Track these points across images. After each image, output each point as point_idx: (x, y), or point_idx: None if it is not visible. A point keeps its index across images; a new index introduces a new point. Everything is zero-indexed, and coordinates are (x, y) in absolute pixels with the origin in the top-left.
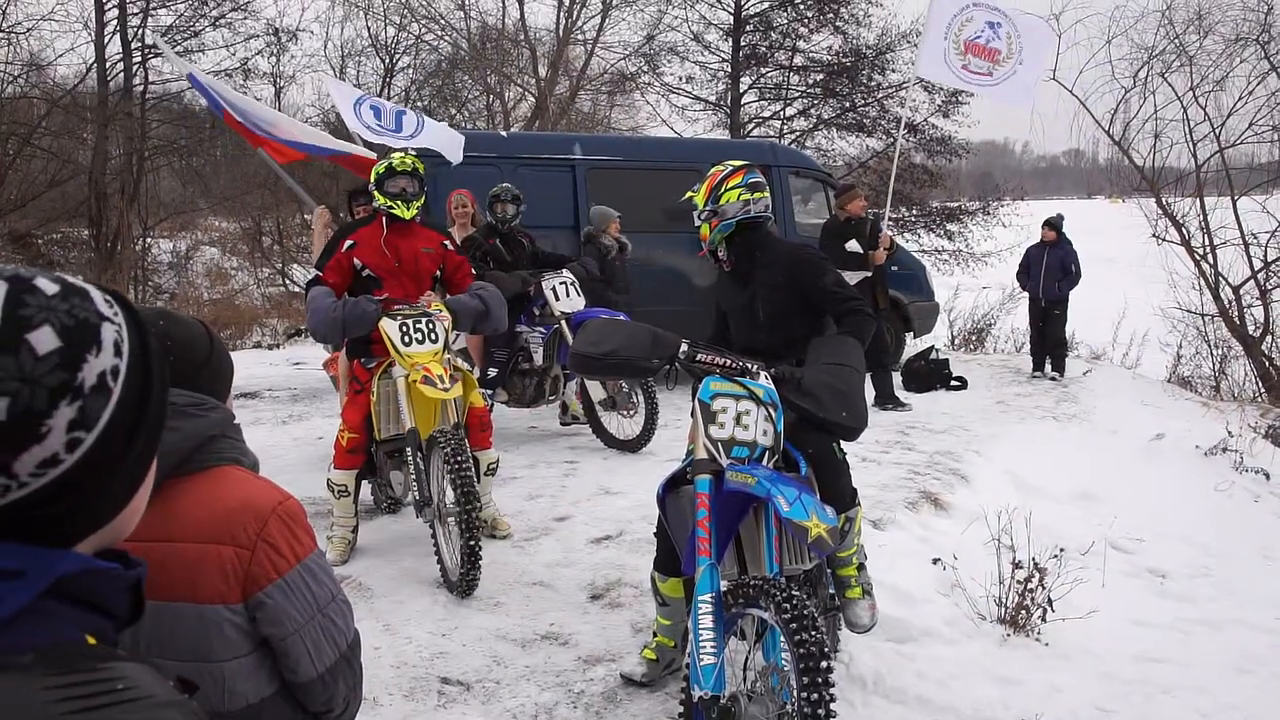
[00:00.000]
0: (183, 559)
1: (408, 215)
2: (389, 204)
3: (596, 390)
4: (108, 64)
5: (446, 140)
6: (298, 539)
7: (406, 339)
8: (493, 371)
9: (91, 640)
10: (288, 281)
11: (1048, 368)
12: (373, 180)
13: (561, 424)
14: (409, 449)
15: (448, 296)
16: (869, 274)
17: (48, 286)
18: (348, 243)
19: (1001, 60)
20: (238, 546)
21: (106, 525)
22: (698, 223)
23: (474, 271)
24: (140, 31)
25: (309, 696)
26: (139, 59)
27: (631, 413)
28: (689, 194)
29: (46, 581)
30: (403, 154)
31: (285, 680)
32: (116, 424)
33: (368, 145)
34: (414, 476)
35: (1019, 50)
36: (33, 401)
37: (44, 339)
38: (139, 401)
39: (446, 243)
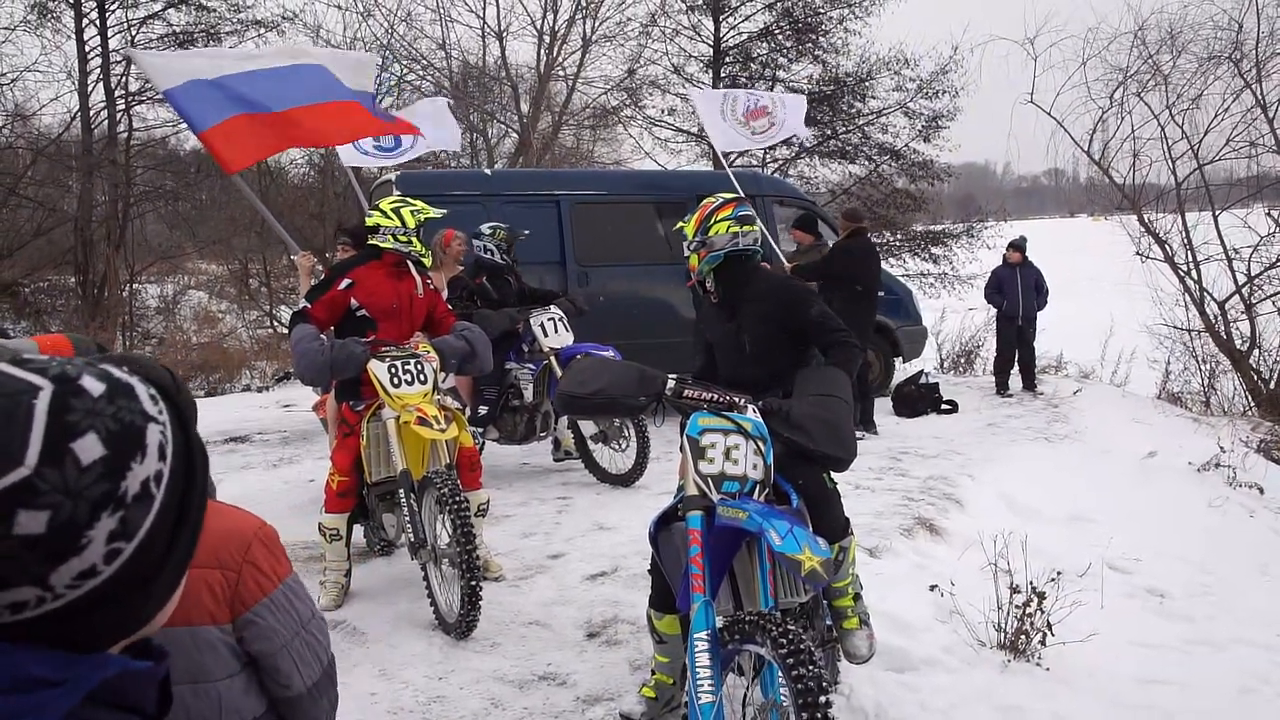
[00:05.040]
0: None
1: (429, 263)
2: (422, 251)
3: (588, 425)
4: (91, 112)
5: (444, 130)
6: (278, 560)
7: (395, 380)
8: (483, 409)
9: None
10: (276, 324)
11: (1016, 385)
12: (409, 225)
13: (554, 460)
14: (401, 491)
15: (434, 338)
16: None
17: (94, 386)
18: (346, 281)
19: (773, 111)
20: (224, 569)
21: (143, 629)
22: (687, 253)
23: (464, 309)
24: (124, 79)
25: (298, 712)
26: (123, 106)
27: (623, 447)
28: (680, 225)
29: (89, 687)
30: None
31: (273, 698)
32: (157, 531)
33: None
34: (407, 519)
35: (780, 103)
36: (74, 514)
37: (89, 448)
38: (180, 505)
39: (429, 283)
